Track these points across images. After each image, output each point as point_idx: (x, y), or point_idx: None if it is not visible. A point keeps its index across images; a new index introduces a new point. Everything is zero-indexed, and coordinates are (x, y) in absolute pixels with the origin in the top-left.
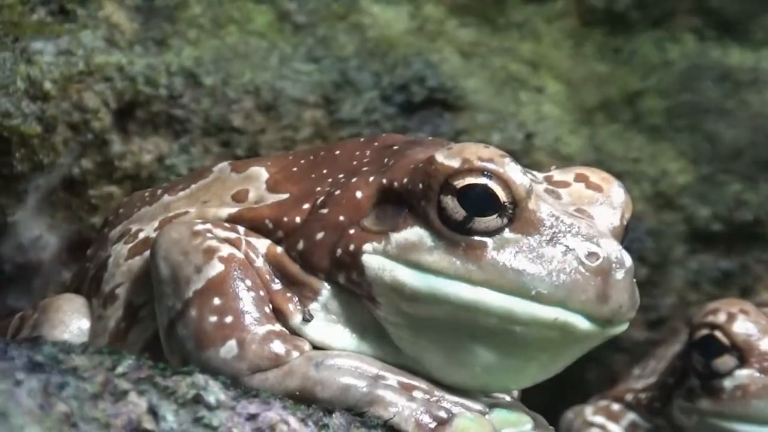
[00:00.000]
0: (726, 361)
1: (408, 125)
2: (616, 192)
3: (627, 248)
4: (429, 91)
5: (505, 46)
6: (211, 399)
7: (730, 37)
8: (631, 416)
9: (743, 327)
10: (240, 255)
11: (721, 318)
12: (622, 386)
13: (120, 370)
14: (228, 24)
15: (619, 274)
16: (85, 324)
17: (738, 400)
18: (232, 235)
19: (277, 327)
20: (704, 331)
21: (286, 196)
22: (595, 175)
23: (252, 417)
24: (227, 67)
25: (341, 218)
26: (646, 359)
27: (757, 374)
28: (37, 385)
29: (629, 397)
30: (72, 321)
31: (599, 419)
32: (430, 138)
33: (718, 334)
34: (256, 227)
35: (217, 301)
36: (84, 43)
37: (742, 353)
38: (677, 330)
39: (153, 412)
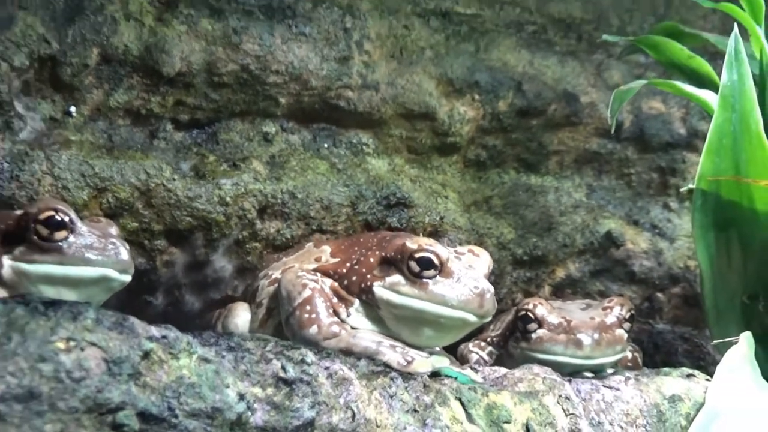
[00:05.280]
0: (532, 325)
1: (388, 215)
2: (485, 257)
3: (490, 281)
4: (397, 199)
5: (431, 177)
6: (308, 359)
7: (531, 171)
8: (490, 348)
9: (540, 310)
10: (318, 286)
11: (531, 306)
12: (485, 334)
13: (268, 348)
14: (307, 170)
15: (488, 296)
16: (247, 316)
17: (538, 343)
18: (315, 277)
19: (335, 319)
20: (522, 312)
21: (338, 259)
22: (476, 249)
23: (327, 368)
24: (307, 189)
25: (363, 270)
26: (495, 321)
27: (547, 332)
28: (231, 356)
29: (489, 339)
30: (242, 315)
31: (475, 349)
32: (404, 232)
33: (529, 313)
34: (325, 274)
35: (308, 307)
36: (243, 180)
37: (540, 322)
38: (509, 308)
39: (283, 367)
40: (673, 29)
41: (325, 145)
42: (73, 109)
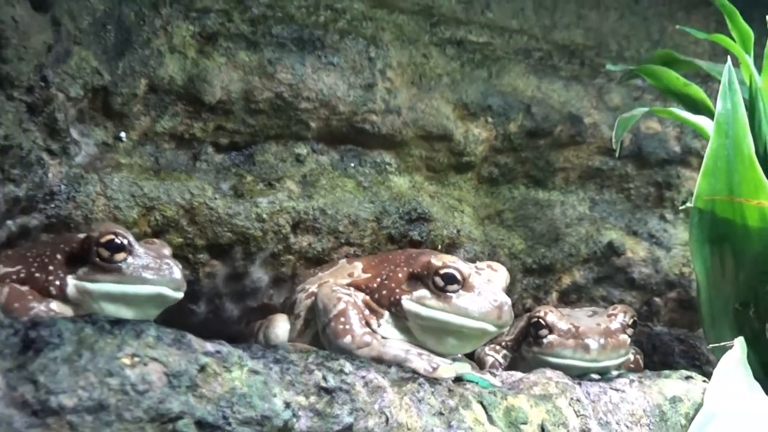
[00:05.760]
0: (544, 331)
1: (409, 229)
2: (502, 272)
3: (506, 293)
4: (418, 214)
5: (448, 193)
6: (346, 369)
7: (539, 186)
8: (504, 351)
9: (551, 317)
10: (352, 299)
11: (542, 313)
12: (500, 338)
13: (310, 359)
14: (336, 188)
15: (506, 308)
16: (287, 327)
17: (549, 347)
18: (348, 291)
19: (367, 329)
20: (534, 319)
21: (369, 275)
22: (495, 265)
23: (363, 377)
24: (336, 206)
25: (392, 285)
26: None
27: (557, 337)
28: (278, 368)
29: (503, 343)
30: (281, 325)
31: (490, 352)
32: (429, 250)
33: (540, 320)
34: (358, 288)
35: (342, 319)
36: (278, 198)
37: (550, 328)
38: (521, 313)
39: (324, 377)
40: (668, 57)
41: (352, 165)
42: (123, 134)
